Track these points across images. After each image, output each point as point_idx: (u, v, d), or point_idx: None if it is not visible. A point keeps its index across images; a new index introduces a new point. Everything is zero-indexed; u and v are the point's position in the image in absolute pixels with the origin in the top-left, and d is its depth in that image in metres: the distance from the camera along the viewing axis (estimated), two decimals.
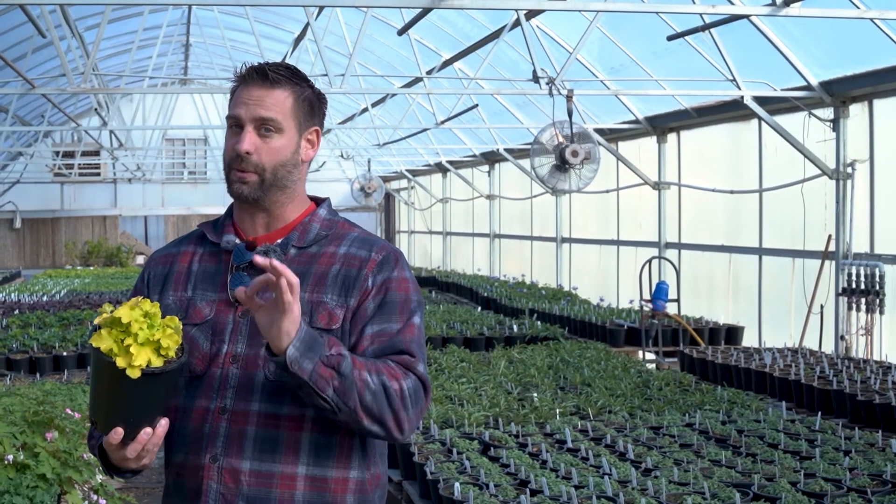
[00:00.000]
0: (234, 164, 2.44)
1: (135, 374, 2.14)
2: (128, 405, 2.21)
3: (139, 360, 2.15)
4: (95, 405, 2.25)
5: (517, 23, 10.47)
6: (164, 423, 2.26)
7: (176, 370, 2.22)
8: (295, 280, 2.16)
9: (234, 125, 2.46)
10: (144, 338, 2.17)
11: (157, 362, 2.18)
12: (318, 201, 2.60)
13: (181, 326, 2.25)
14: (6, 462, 4.76)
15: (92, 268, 27.20)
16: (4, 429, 5.02)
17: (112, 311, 2.20)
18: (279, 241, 2.49)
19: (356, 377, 2.26)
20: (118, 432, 2.21)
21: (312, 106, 2.52)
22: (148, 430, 2.23)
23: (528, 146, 11.58)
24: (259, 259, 2.16)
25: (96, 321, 2.21)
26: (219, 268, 2.50)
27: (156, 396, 2.23)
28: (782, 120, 10.93)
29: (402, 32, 12.37)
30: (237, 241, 2.50)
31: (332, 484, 2.38)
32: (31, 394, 6.63)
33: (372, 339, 2.40)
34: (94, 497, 5.38)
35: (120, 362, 2.15)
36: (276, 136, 2.44)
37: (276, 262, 2.14)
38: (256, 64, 2.47)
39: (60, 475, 4.99)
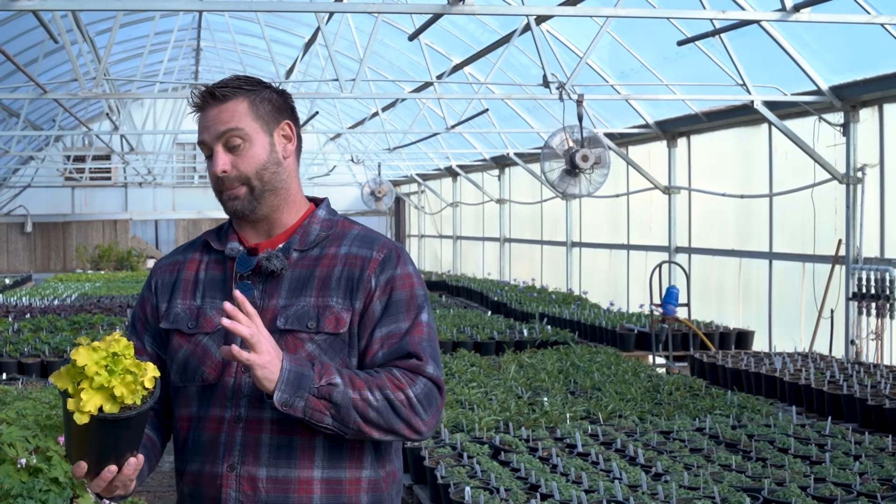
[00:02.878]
0: (219, 185, 2.46)
1: (82, 419, 2.05)
2: (87, 444, 2.13)
3: (89, 405, 2.05)
4: (65, 435, 2.19)
5: (527, 28, 10.49)
6: (132, 462, 2.20)
7: (134, 417, 2.11)
8: (247, 332, 2.19)
9: (206, 152, 2.47)
10: (99, 383, 2.06)
11: (112, 408, 2.07)
12: (317, 202, 2.61)
13: (152, 373, 2.16)
14: (19, 466, 4.78)
15: (103, 272, 27.29)
16: (17, 433, 5.05)
17: (89, 344, 2.11)
18: (280, 245, 2.49)
19: (356, 398, 2.28)
20: (81, 466, 2.17)
21: (274, 103, 2.49)
22: (112, 468, 2.17)
23: (539, 150, 11.58)
24: (228, 306, 2.21)
25: (72, 354, 2.11)
26: (225, 275, 2.51)
27: (117, 438, 2.13)
28: (792, 124, 10.92)
29: (412, 37, 12.38)
30: (240, 247, 2.50)
31: (346, 485, 2.39)
32: (43, 398, 6.67)
33: (381, 342, 2.41)
34: (106, 501, 5.40)
35: (70, 405, 2.07)
36: (245, 145, 2.43)
37: (226, 322, 2.18)
38: (204, 88, 2.46)
39: (73, 479, 5.01)
